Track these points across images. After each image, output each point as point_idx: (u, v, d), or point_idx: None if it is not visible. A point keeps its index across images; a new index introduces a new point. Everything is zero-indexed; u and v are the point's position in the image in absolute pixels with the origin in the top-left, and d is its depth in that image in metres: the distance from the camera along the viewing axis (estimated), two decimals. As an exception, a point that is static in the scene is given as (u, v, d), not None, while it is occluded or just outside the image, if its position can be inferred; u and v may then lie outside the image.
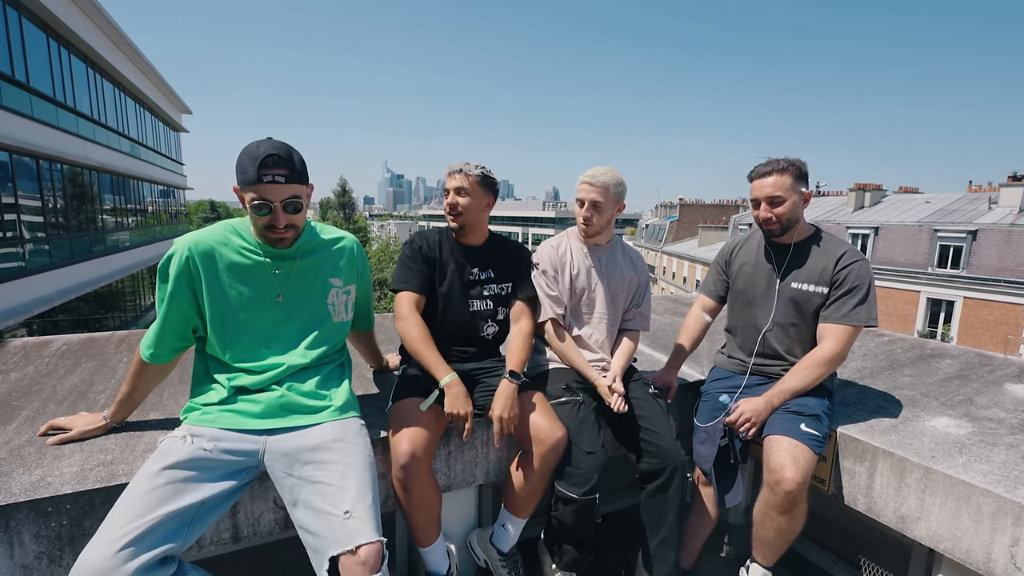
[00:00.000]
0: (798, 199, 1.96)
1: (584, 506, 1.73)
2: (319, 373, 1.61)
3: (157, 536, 1.19)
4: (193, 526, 1.28)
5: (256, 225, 1.52)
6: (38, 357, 2.39)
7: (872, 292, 1.94)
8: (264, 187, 1.43)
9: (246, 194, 1.46)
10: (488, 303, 1.98)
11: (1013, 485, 1.54)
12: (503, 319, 2.03)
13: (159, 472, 1.28)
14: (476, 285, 1.97)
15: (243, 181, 1.45)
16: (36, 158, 11.32)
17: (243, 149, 1.46)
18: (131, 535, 1.16)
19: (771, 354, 2.10)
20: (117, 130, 16.78)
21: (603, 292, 2.11)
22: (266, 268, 1.55)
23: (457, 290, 1.94)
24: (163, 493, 1.25)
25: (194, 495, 1.28)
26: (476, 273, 1.98)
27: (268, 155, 1.42)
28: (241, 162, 1.45)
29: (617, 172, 2.07)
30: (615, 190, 2.05)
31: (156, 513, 1.21)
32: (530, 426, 1.76)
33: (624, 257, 2.21)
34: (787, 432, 1.81)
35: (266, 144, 1.44)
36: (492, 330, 2.00)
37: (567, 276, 2.10)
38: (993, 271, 18.34)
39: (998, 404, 2.15)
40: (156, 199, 22.40)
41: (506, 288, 2.02)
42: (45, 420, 1.71)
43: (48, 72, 12.16)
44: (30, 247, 11.09)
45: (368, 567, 1.26)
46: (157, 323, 1.53)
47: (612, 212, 2.07)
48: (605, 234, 2.14)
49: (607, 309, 2.12)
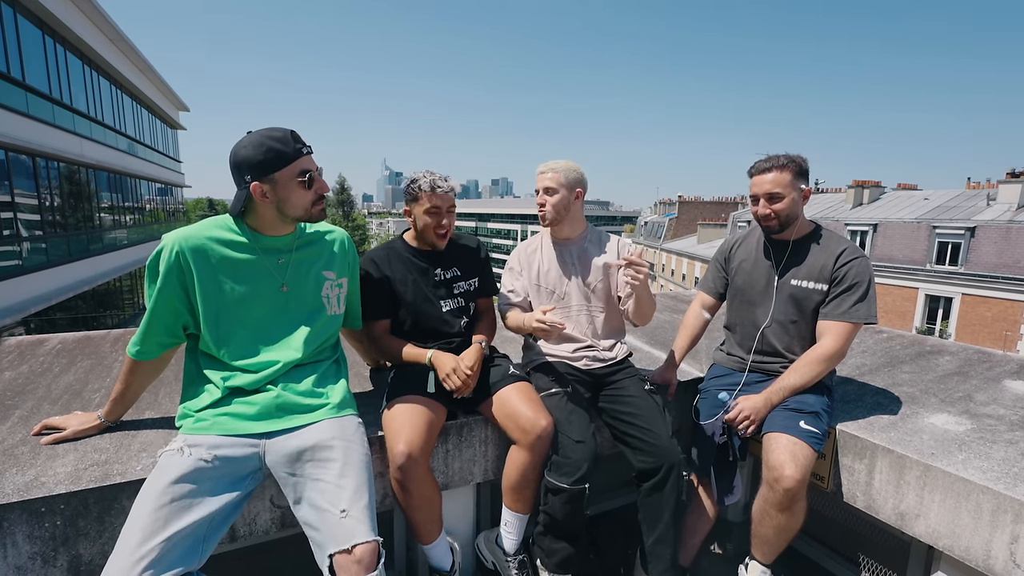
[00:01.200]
0: (797, 196, 1.95)
1: (574, 496, 1.72)
2: (315, 371, 1.60)
3: (172, 558, 1.18)
4: (207, 542, 1.27)
5: (302, 202, 1.52)
6: (33, 356, 2.38)
7: (872, 289, 1.93)
8: (305, 159, 1.50)
9: (286, 171, 1.46)
10: (460, 300, 2.02)
11: (1013, 482, 1.54)
12: (474, 312, 2.09)
13: (163, 490, 1.25)
14: (443, 285, 1.99)
15: (281, 161, 1.45)
16: (33, 156, 11.27)
17: (251, 142, 1.45)
18: (148, 559, 1.14)
19: (770, 351, 2.09)
20: (114, 128, 16.71)
21: (576, 286, 2.10)
22: (265, 260, 1.55)
23: (423, 296, 1.95)
24: (170, 511, 1.22)
25: (201, 510, 1.26)
26: (441, 273, 1.99)
27: (291, 131, 1.49)
28: (266, 148, 1.44)
29: (572, 162, 2.08)
30: (567, 176, 2.03)
31: (166, 533, 1.19)
32: (516, 416, 1.77)
33: (600, 246, 2.14)
34: (786, 429, 1.80)
35: (272, 128, 1.48)
36: (465, 322, 2.03)
37: (534, 272, 2.13)
38: (991, 268, 18.36)
39: (997, 401, 2.15)
40: (154, 197, 22.33)
41: (473, 284, 2.07)
42: (39, 419, 1.70)
43: (44, 69, 12.10)
44: (27, 245, 11.05)
45: (363, 566, 1.26)
46: (144, 319, 1.51)
47: (568, 198, 2.04)
48: (571, 226, 2.11)
49: (584, 299, 2.10)
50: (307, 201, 1.53)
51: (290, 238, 1.60)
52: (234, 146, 1.49)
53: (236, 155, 1.47)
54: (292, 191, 1.49)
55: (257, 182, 1.46)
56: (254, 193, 1.47)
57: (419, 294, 1.94)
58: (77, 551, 1.36)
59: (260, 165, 1.45)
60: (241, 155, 1.46)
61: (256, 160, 1.44)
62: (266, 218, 1.54)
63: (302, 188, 1.50)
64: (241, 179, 1.47)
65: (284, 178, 1.47)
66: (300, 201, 1.52)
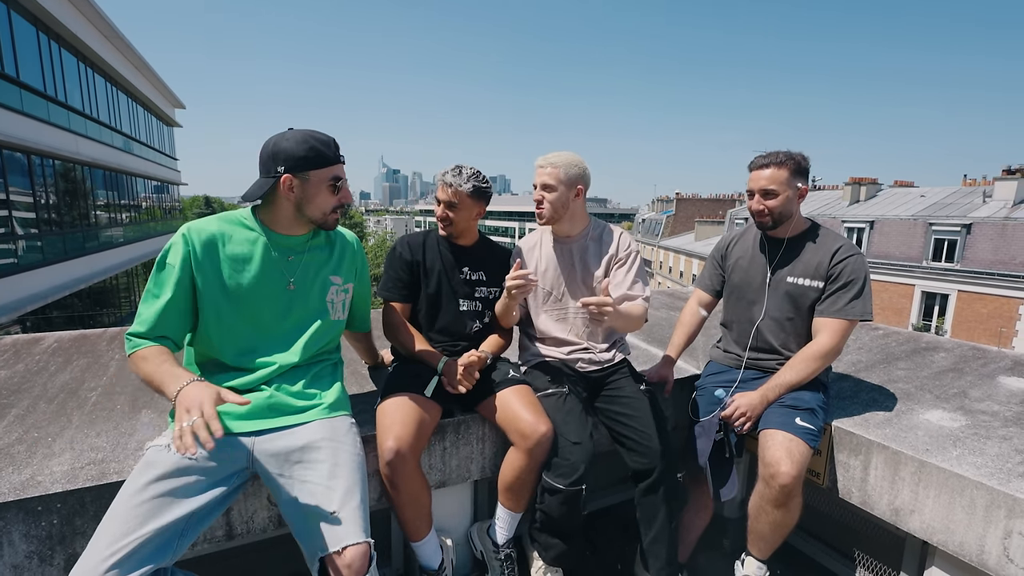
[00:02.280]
0: (792, 194, 1.95)
1: (570, 497, 1.72)
2: (310, 372, 1.59)
3: (144, 554, 1.16)
4: (183, 537, 1.25)
5: (324, 206, 1.55)
6: (28, 355, 2.37)
7: (867, 286, 1.93)
8: (340, 167, 1.56)
9: (322, 172, 1.50)
10: (478, 304, 2.02)
11: (1006, 478, 1.55)
12: (489, 320, 2.07)
13: (145, 486, 1.24)
14: (467, 285, 2.01)
15: (321, 162, 1.50)
16: (28, 153, 11.21)
17: (296, 137, 1.48)
18: (117, 556, 1.12)
19: (766, 348, 2.10)
20: (109, 125, 16.62)
21: (574, 286, 2.03)
22: (276, 256, 1.54)
23: (446, 290, 1.97)
24: (150, 507, 1.21)
25: (183, 507, 1.25)
26: (467, 272, 2.02)
27: (333, 139, 1.54)
28: (310, 146, 1.48)
29: (575, 156, 1.96)
30: (567, 171, 1.92)
31: (143, 530, 1.17)
32: (515, 420, 1.77)
33: (600, 243, 2.05)
34: (782, 426, 1.81)
35: (318, 131, 1.53)
36: (477, 328, 2.03)
37: (531, 269, 2.07)
38: (987, 264, 18.43)
39: (992, 397, 2.16)
40: (150, 195, 22.23)
41: (495, 292, 2.05)
42: (35, 418, 1.70)
43: (39, 66, 12.01)
44: (23, 243, 11.00)
45: (354, 569, 1.25)
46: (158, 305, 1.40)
47: (567, 196, 1.94)
48: (571, 224, 2.02)
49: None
50: (329, 206, 1.55)
51: (303, 239, 1.60)
52: (273, 137, 1.51)
53: (276, 145, 1.48)
54: (320, 192, 1.52)
55: (290, 175, 1.47)
56: (282, 184, 1.48)
57: (443, 285, 1.96)
58: (74, 550, 1.36)
59: (300, 160, 1.47)
60: (282, 146, 1.47)
61: (298, 154, 1.47)
62: (283, 214, 1.54)
63: (330, 192, 1.53)
64: (273, 168, 1.48)
65: (317, 178, 1.50)
66: (324, 204, 1.54)
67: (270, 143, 1.50)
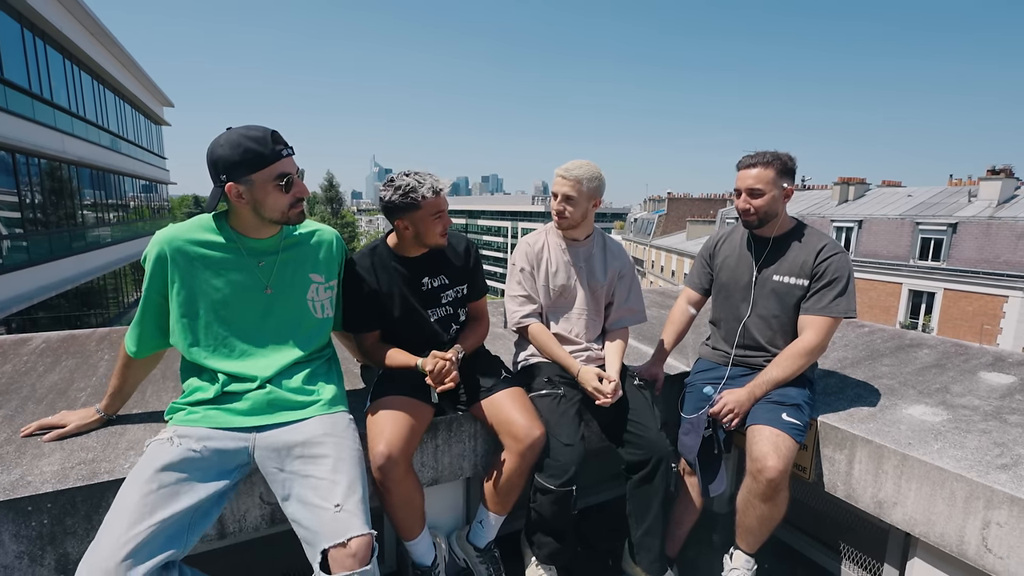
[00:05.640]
0: (778, 194, 1.98)
1: (561, 497, 1.74)
2: (306, 368, 1.60)
3: (158, 543, 1.19)
4: (192, 530, 1.27)
5: (278, 205, 1.47)
6: (16, 355, 2.35)
7: (851, 284, 1.97)
8: (284, 161, 1.45)
9: (264, 173, 1.42)
10: (448, 308, 1.93)
11: (985, 470, 1.59)
12: (464, 319, 2.01)
13: (151, 477, 1.27)
14: (430, 295, 1.89)
15: (259, 163, 1.41)
16: (12, 152, 11.03)
17: (229, 141, 1.41)
18: (132, 543, 1.15)
19: (753, 345, 2.13)
20: (96, 123, 16.39)
21: (583, 287, 2.10)
22: (247, 261, 1.53)
23: (411, 306, 1.86)
24: (157, 498, 1.24)
25: (188, 498, 1.28)
26: (428, 282, 1.89)
27: (272, 131, 1.44)
28: (244, 148, 1.39)
29: (594, 166, 2.02)
30: (588, 184, 2.00)
31: (153, 519, 1.20)
32: (509, 423, 1.76)
33: (605, 251, 2.18)
34: (769, 422, 1.84)
35: (252, 127, 1.43)
36: (455, 329, 1.96)
37: (543, 272, 2.09)
38: (972, 263, 18.71)
39: (972, 392, 2.21)
40: (138, 194, 21.98)
41: (461, 291, 1.97)
42: (24, 419, 1.69)
43: (23, 63, 11.82)
44: (8, 244, 10.83)
45: (358, 559, 1.27)
46: (136, 316, 1.53)
47: (586, 207, 2.03)
48: (582, 228, 2.10)
49: (587, 304, 2.11)
50: (284, 204, 1.48)
51: (275, 240, 1.58)
52: (211, 143, 1.44)
53: (212, 153, 1.42)
54: (268, 194, 1.45)
55: (232, 183, 1.42)
56: (229, 194, 1.43)
57: (406, 306, 1.85)
58: (64, 549, 1.36)
59: (236, 166, 1.40)
60: (217, 154, 1.41)
61: (232, 160, 1.40)
62: (245, 219, 1.51)
63: (279, 191, 1.45)
64: (216, 177, 1.43)
65: (261, 180, 1.43)
66: (276, 204, 1.47)
67: (209, 150, 1.44)
